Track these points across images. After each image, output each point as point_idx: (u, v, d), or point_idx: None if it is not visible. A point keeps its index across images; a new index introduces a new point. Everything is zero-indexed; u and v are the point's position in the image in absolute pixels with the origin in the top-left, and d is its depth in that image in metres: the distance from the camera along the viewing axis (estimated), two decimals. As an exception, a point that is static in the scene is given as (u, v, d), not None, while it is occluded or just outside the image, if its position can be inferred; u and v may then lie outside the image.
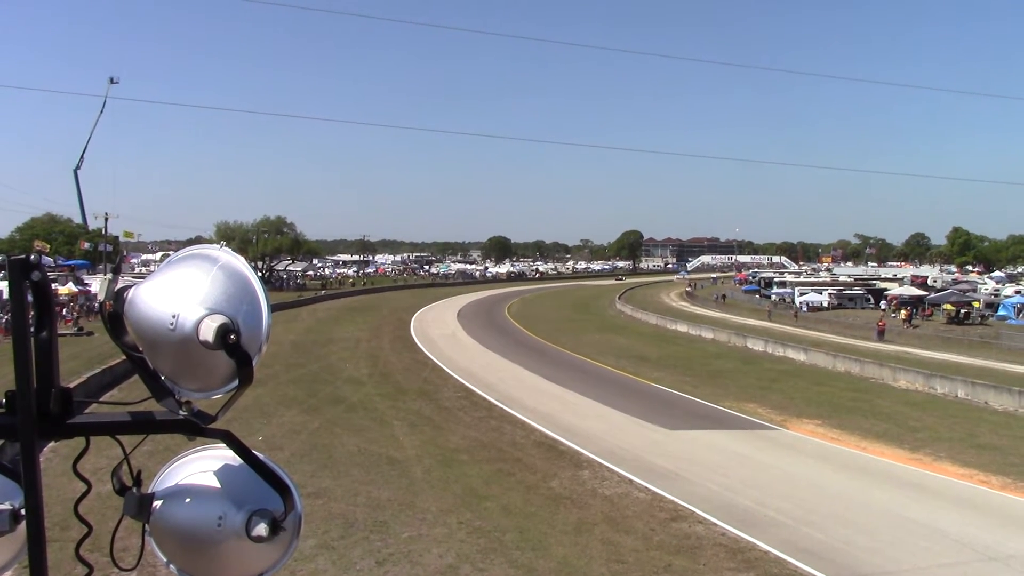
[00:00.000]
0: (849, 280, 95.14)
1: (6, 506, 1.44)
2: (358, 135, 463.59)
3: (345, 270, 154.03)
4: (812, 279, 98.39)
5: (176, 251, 1.53)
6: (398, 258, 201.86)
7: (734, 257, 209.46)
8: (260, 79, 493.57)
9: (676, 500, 18.30)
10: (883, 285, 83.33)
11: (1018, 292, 69.75)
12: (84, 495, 1.53)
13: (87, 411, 1.50)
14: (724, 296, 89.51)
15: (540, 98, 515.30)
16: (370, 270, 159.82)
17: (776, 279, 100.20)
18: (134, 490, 1.46)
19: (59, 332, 1.47)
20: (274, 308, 1.50)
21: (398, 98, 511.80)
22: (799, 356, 43.88)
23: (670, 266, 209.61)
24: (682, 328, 60.21)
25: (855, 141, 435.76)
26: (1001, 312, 61.90)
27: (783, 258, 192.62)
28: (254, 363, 1.41)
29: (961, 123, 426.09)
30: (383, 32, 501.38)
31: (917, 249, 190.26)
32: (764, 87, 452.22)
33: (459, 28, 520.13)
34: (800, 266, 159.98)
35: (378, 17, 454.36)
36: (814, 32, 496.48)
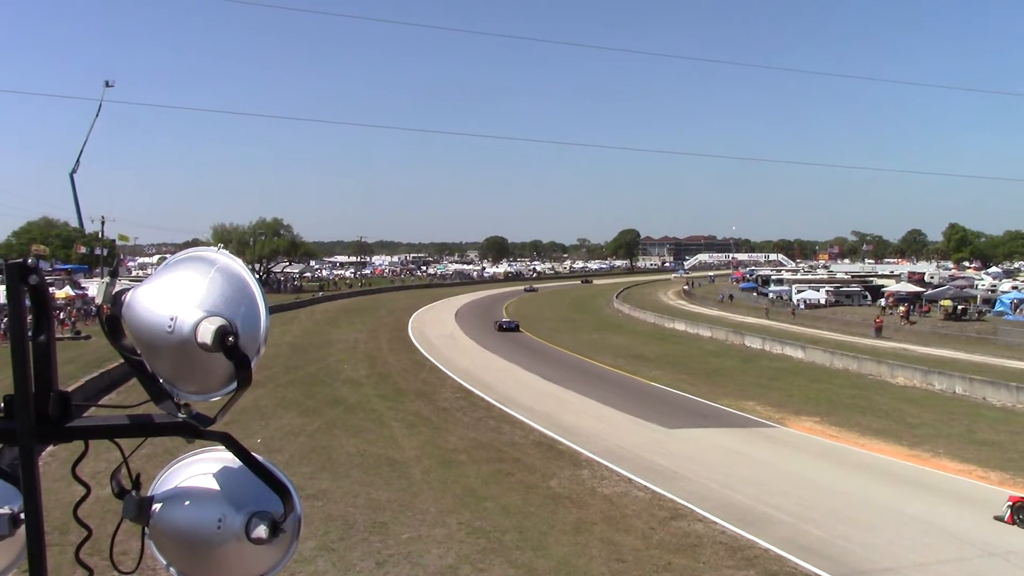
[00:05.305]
0: (846, 277, 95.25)
1: (5, 510, 1.44)
2: (354, 136, 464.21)
3: (342, 271, 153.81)
4: (809, 276, 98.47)
5: (173, 254, 1.52)
6: (395, 259, 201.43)
7: (731, 255, 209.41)
8: (255, 81, 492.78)
9: (675, 499, 18.32)
10: (880, 282, 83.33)
11: (1015, 288, 69.67)
12: (83, 499, 1.53)
13: (86, 415, 1.50)
14: (731, 296, 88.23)
15: (536, 98, 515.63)
16: (367, 271, 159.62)
17: (773, 277, 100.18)
18: (133, 493, 1.45)
19: (57, 336, 1.47)
20: (272, 310, 1.50)
21: (394, 99, 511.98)
22: (797, 353, 43.93)
23: (667, 265, 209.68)
24: (680, 326, 60.26)
25: (851, 138, 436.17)
26: (998, 308, 61.84)
27: (780, 256, 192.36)
28: (252, 365, 1.41)
29: (957, 119, 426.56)
30: (378, 33, 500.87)
31: (914, 246, 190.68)
32: (760, 85, 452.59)
33: (454, 28, 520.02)
34: (797, 263, 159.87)
35: (372, 18, 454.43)
36: (810, 29, 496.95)
